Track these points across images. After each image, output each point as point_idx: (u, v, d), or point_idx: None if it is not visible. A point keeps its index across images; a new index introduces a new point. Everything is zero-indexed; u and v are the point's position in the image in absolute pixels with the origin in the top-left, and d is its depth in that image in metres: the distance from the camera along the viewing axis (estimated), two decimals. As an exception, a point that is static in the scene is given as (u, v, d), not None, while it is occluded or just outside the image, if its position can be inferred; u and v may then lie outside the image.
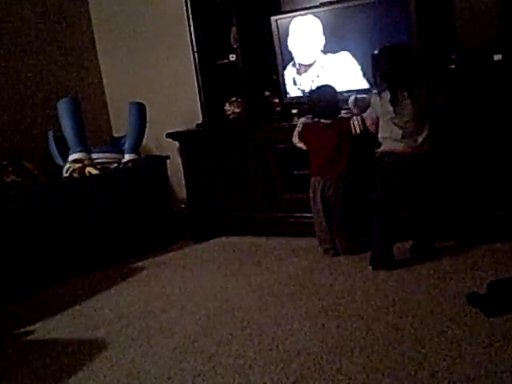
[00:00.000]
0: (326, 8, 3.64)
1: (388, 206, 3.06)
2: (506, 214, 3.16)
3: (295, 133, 3.46)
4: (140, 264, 3.78)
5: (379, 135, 3.09)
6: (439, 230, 3.29)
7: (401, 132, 2.99)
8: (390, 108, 2.98)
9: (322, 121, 3.37)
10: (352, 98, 3.34)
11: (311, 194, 3.38)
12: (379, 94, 3.05)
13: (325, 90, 3.41)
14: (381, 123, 3.08)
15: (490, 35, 3.23)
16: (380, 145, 3.09)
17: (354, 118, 3.27)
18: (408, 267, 3.05)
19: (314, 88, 3.50)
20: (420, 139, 2.99)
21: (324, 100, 3.36)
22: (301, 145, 3.45)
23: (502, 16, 3.16)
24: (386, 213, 3.06)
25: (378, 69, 3.06)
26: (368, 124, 3.20)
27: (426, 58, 3.37)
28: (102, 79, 5.02)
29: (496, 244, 3.15)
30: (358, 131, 3.25)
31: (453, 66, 3.41)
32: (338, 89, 3.45)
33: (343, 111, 3.46)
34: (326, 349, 2.34)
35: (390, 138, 3.03)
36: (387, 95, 2.99)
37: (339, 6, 3.59)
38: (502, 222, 3.18)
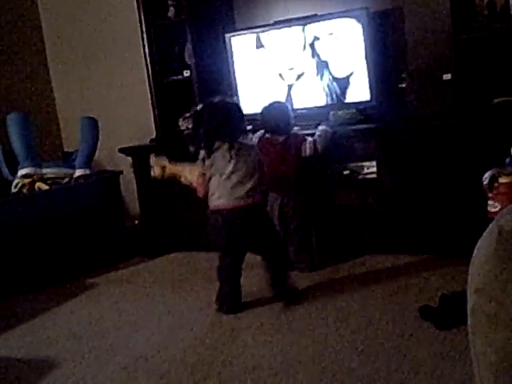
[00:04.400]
0: (279, 26, 3.69)
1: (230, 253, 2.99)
2: (460, 229, 3.19)
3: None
4: (92, 280, 3.71)
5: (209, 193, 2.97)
6: (396, 242, 3.35)
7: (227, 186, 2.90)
8: (220, 163, 2.89)
9: (275, 137, 3.36)
10: (322, 127, 3.39)
11: (269, 209, 3.36)
12: (210, 151, 2.90)
13: (276, 107, 3.42)
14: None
15: (440, 55, 3.33)
16: None
17: (308, 141, 3.30)
18: (361, 282, 3.09)
19: (266, 105, 3.45)
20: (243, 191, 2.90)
21: (276, 117, 3.36)
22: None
23: (452, 36, 3.25)
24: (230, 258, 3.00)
25: (205, 125, 2.88)
26: (319, 147, 3.29)
27: (377, 77, 3.45)
28: (53, 93, 4.95)
29: (449, 258, 3.18)
30: (308, 154, 3.29)
31: (403, 85, 3.48)
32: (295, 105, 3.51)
33: (296, 128, 3.48)
34: (282, 363, 2.34)
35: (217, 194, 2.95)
36: (217, 151, 2.89)
37: (291, 24, 3.65)
38: (457, 237, 3.19)
